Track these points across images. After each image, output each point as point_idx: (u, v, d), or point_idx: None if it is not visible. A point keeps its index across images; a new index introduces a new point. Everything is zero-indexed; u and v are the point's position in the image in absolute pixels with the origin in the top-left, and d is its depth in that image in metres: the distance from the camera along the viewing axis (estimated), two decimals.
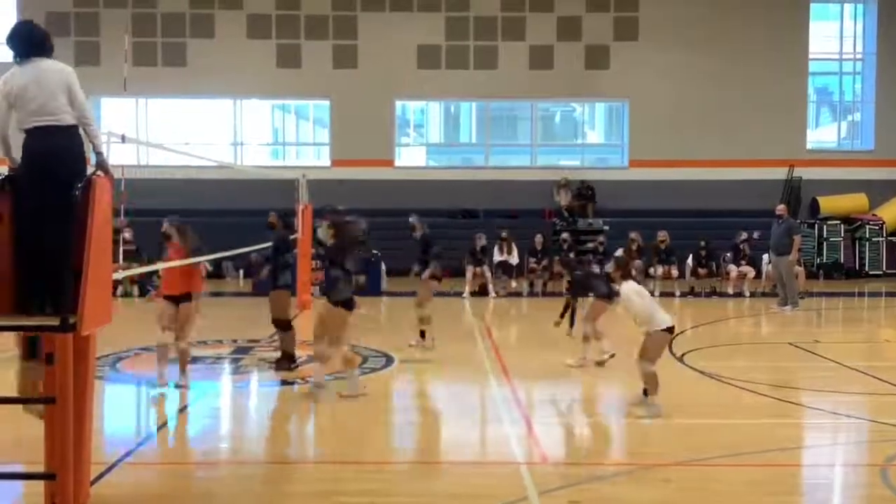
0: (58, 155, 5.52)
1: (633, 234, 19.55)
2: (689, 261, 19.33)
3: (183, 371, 9.41)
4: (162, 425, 8.30)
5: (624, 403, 9.38)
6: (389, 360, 11.06)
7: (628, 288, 8.41)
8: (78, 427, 5.35)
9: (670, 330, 8.41)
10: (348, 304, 8.90)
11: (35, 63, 5.61)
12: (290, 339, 10.46)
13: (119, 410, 9.06)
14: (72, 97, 5.58)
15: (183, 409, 8.89)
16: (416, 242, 12.07)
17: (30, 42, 5.68)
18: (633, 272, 8.88)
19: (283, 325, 10.47)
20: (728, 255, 19.22)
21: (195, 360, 11.07)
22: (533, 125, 25.58)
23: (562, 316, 11.16)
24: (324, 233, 9.15)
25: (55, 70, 5.60)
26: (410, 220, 12.33)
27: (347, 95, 23.93)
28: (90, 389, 5.64)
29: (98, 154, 5.75)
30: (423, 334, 11.82)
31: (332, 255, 9.01)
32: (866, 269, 23.43)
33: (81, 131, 5.67)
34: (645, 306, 8.33)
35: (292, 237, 11.99)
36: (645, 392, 8.39)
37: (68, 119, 5.57)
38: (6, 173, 5.67)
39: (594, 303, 10.81)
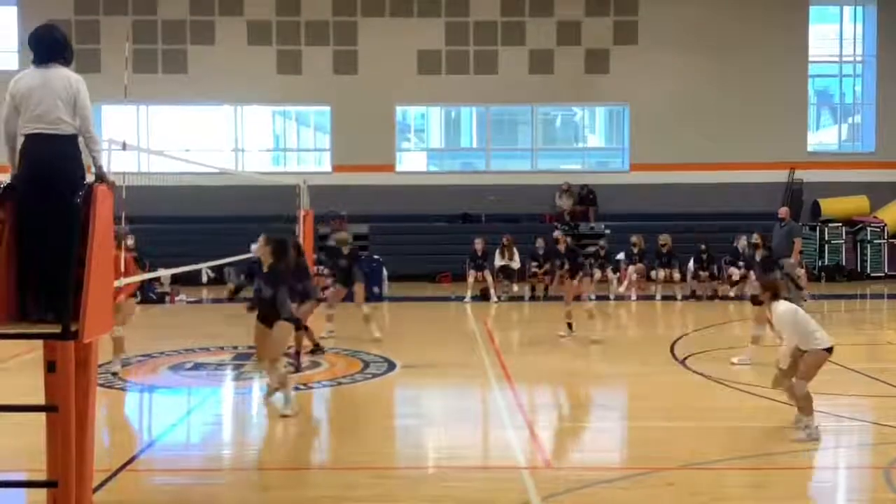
0: (52, 164, 5.48)
1: (634, 238, 19.57)
2: (691, 264, 19.32)
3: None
4: (164, 432, 8.29)
5: (625, 407, 9.37)
6: (392, 366, 11.05)
7: (784, 310, 7.87)
8: (80, 435, 5.34)
9: (830, 350, 7.86)
10: (293, 319, 8.91)
11: (47, 68, 5.58)
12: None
13: (121, 418, 9.05)
14: (76, 108, 5.54)
15: (185, 417, 8.89)
16: (562, 253, 13.43)
17: (43, 46, 5.65)
18: (783, 291, 8.32)
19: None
20: (727, 257, 19.22)
21: (197, 366, 11.13)
22: (533, 129, 25.59)
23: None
24: (261, 252, 8.88)
25: (63, 78, 5.56)
26: (555, 234, 14.28)
27: (348, 101, 23.96)
28: (92, 397, 5.63)
29: (97, 167, 5.71)
30: (570, 326, 13.15)
31: (276, 276, 8.74)
32: (868, 271, 23.41)
33: (81, 142, 5.63)
34: (803, 326, 7.79)
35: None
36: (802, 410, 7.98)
37: (67, 129, 5.54)
38: (8, 180, 5.66)
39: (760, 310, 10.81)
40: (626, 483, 6.41)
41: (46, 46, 5.66)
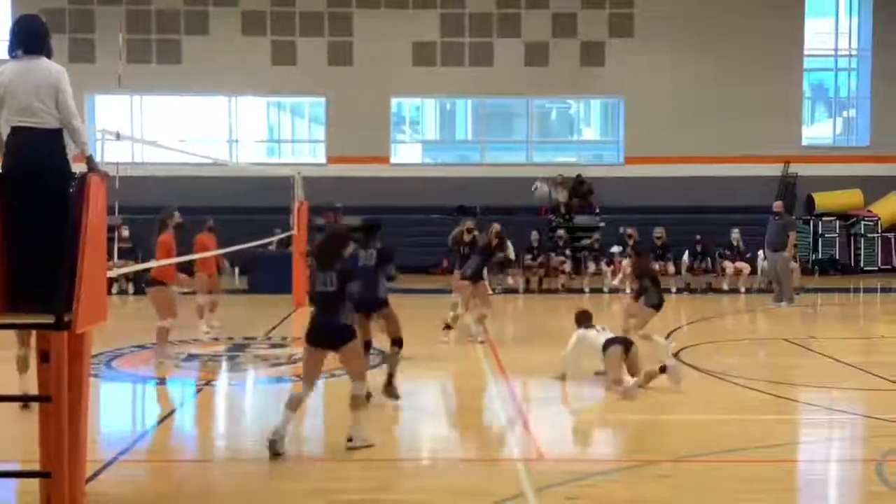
0: (35, 157, 5.45)
1: (628, 231, 19.56)
2: (685, 257, 19.35)
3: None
4: (157, 423, 8.28)
5: (619, 400, 9.38)
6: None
7: None
8: (73, 425, 5.33)
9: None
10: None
11: (28, 61, 5.54)
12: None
13: (114, 408, 9.04)
14: (57, 100, 5.49)
15: (178, 407, 8.88)
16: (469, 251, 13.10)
17: (25, 38, 5.60)
18: None
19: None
20: (721, 250, 19.26)
21: (191, 357, 11.10)
22: (528, 122, 25.56)
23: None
24: None
25: (44, 70, 5.51)
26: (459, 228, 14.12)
27: (343, 92, 23.90)
28: (86, 388, 5.62)
29: (88, 159, 5.66)
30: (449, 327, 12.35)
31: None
32: (861, 265, 23.49)
33: (66, 135, 5.57)
34: None
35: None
36: None
37: (51, 122, 5.49)
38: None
39: (643, 310, 10.68)
40: (620, 475, 6.42)
41: (24, 37, 5.60)
